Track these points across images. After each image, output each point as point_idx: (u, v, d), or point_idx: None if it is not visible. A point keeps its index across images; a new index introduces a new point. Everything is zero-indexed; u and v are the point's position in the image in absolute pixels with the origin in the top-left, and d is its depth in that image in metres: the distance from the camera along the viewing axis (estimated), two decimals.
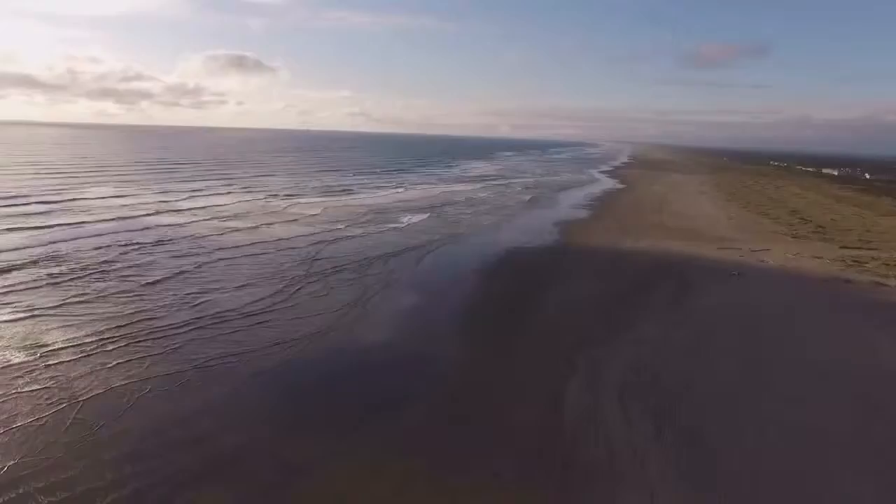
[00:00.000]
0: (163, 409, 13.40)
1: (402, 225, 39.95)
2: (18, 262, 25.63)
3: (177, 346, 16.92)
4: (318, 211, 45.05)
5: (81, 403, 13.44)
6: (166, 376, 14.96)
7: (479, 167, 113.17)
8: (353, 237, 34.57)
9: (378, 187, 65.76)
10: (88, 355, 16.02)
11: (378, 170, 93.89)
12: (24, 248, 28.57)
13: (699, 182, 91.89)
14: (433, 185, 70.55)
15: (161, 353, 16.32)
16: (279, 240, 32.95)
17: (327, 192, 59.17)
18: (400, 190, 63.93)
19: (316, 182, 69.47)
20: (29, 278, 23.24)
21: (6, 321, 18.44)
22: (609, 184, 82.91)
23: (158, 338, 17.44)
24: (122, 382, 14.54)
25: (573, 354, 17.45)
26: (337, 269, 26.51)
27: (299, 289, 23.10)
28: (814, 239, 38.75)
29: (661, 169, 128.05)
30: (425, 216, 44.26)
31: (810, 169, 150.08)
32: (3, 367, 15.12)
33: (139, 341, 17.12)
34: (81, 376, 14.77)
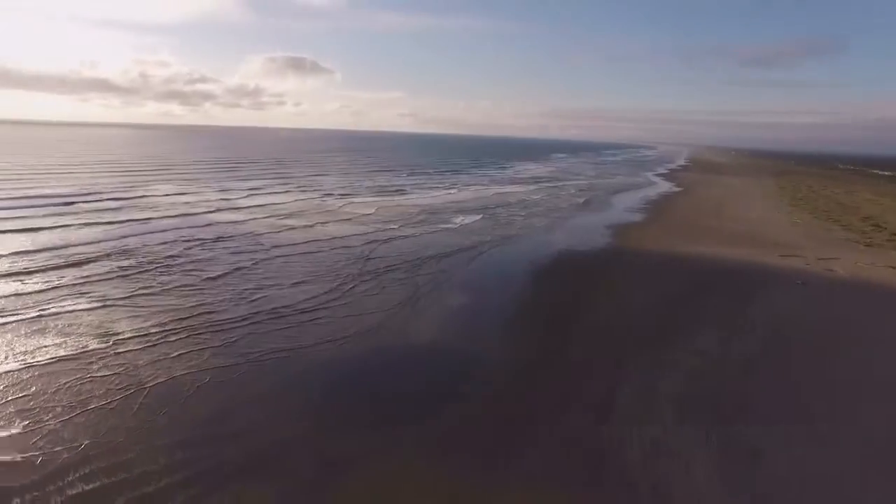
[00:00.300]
0: (218, 399, 13.93)
1: (455, 226, 40.09)
2: (93, 255, 27.18)
3: (234, 339, 17.54)
4: (371, 210, 45.74)
5: (147, 390, 14.17)
6: (223, 368, 15.55)
7: (532, 169, 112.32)
8: (406, 237, 34.93)
9: (430, 188, 66.20)
10: (154, 345, 16.84)
11: (430, 170, 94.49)
12: (98, 241, 30.29)
13: (761, 186, 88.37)
14: (485, 187, 70.46)
15: (219, 346, 16.96)
16: (333, 238, 33.62)
17: (380, 191, 60.02)
18: (452, 191, 64.16)
19: (369, 182, 70.57)
20: (102, 270, 24.64)
21: (83, 310, 19.63)
22: (665, 187, 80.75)
23: (217, 331, 18.13)
24: (183, 372, 15.20)
25: (625, 360, 17.14)
26: (389, 268, 26.85)
27: (352, 287, 23.53)
28: (889, 248, 36.63)
29: (721, 172, 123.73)
30: (477, 217, 44.28)
31: (886, 173, 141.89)
32: (80, 353, 16.11)
33: (199, 333, 17.86)
34: (147, 364, 15.55)
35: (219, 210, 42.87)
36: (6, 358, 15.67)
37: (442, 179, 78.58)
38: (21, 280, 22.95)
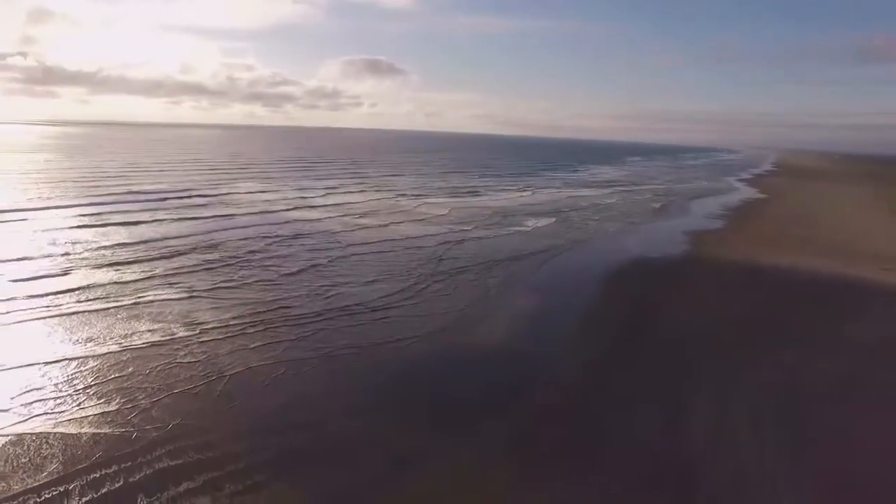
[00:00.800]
0: (291, 390, 14.49)
1: (527, 228, 39.82)
2: (182, 249, 28.95)
3: (308, 334, 18.14)
4: (444, 211, 46.13)
5: (227, 378, 14.91)
6: (296, 361, 16.12)
7: (606, 172, 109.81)
8: (479, 239, 35.00)
9: (503, 190, 66.03)
10: (234, 336, 17.70)
11: (503, 172, 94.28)
12: (186, 236, 32.16)
13: (856, 192, 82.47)
14: (558, 190, 69.59)
15: (294, 340, 17.59)
16: (407, 238, 34.14)
17: (453, 192, 60.43)
18: (525, 193, 63.75)
19: (442, 182, 71.21)
20: (189, 263, 26.18)
21: (172, 299, 20.95)
22: (749, 192, 76.85)
23: (292, 325, 18.80)
24: (260, 363, 15.88)
25: (699, 372, 16.49)
26: (461, 269, 26.99)
27: (425, 287, 23.81)
28: None
29: (811, 177, 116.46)
30: (550, 220, 43.80)
31: None
32: (169, 340, 17.20)
33: (276, 327, 18.59)
34: (227, 354, 16.36)
35: (297, 208, 44.52)
36: (107, 340, 16.98)
37: (514, 181, 78.17)
38: (120, 270, 24.76)
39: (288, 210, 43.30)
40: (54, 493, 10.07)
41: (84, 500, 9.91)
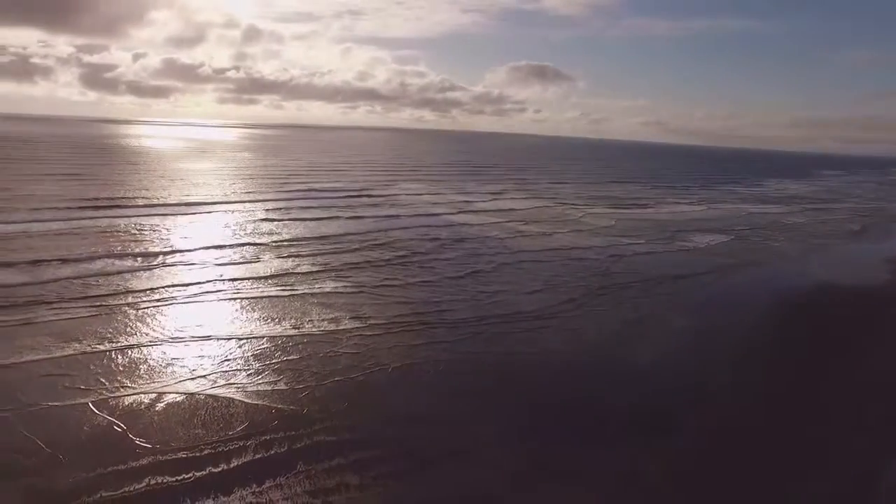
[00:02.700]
0: (443, 388, 14.81)
1: (696, 245, 36.59)
2: (353, 246, 30.60)
3: (463, 337, 18.15)
4: (610, 223, 43.97)
5: (388, 371, 15.51)
6: (451, 362, 16.28)
7: (793, 187, 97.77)
8: (646, 253, 32.77)
9: (675, 202, 61.43)
10: (396, 332, 18.23)
11: (674, 183, 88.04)
12: (358, 233, 34.10)
13: None
14: (733, 204, 63.10)
15: (449, 342, 17.70)
16: (572, 248, 32.95)
17: (620, 203, 57.42)
18: (699, 207, 58.65)
19: (609, 192, 68.18)
20: (358, 259, 27.61)
21: (341, 292, 22.14)
22: None
23: (451, 327, 18.94)
24: (418, 361, 16.18)
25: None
26: (625, 285, 25.45)
27: (587, 300, 22.78)
28: None
29: None
30: (724, 238, 39.84)
31: None
32: (336, 330, 18.16)
33: (435, 328, 18.87)
34: (388, 348, 16.92)
35: (462, 212, 45.04)
36: (281, 324, 18.42)
37: (686, 194, 72.48)
38: (296, 261, 26.81)
39: (453, 214, 44.03)
40: (233, 447, 11.59)
41: (256, 456, 11.35)
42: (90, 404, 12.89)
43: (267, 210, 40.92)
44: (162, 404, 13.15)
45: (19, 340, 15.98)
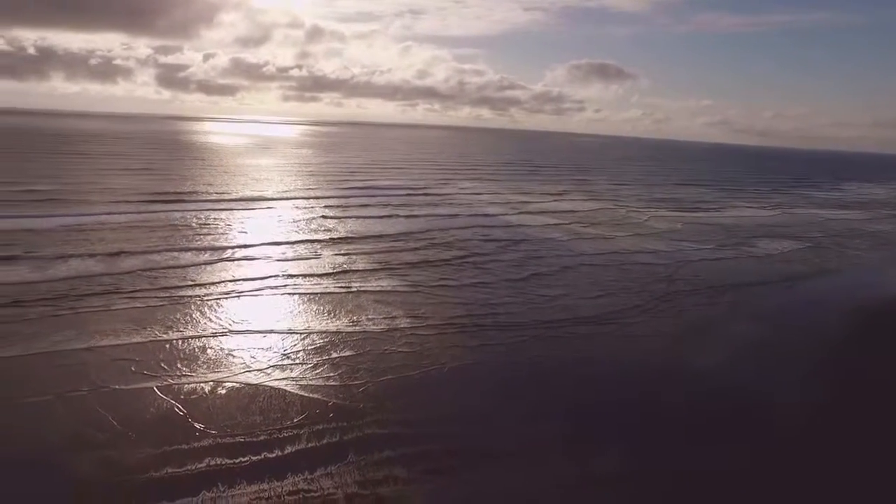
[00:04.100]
0: (496, 390, 14.75)
1: (766, 252, 34.80)
2: (411, 244, 30.91)
3: (520, 340, 17.91)
4: (675, 226, 42.42)
5: (443, 370, 15.54)
6: (504, 364, 16.18)
7: (875, 192, 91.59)
8: (710, 260, 31.39)
9: (742, 206, 58.65)
10: (452, 333, 18.19)
11: (741, 186, 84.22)
12: (417, 232, 34.38)
13: None
14: (806, 209, 59.76)
15: (505, 345, 17.52)
16: (635, 253, 31.98)
17: (685, 206, 55.37)
18: (768, 211, 55.90)
19: (673, 194, 66.01)
20: (415, 259, 27.75)
21: (401, 291, 22.30)
22: None
23: (506, 330, 18.71)
24: (471, 361, 16.14)
25: None
26: (688, 292, 24.44)
27: (646, 307, 22.03)
28: None
29: None
30: (795, 245, 37.73)
31: None
32: (391, 329, 18.24)
33: (490, 329, 18.68)
34: (444, 348, 16.92)
35: (522, 213, 44.61)
36: (338, 320, 18.69)
37: (756, 197, 69.18)
38: (353, 258, 27.24)
39: (512, 214, 43.64)
40: (287, 436, 12.03)
41: (309, 445, 11.77)
42: (155, 388, 13.59)
43: (327, 207, 41.72)
44: (221, 392, 13.66)
45: (96, 326, 17.00)
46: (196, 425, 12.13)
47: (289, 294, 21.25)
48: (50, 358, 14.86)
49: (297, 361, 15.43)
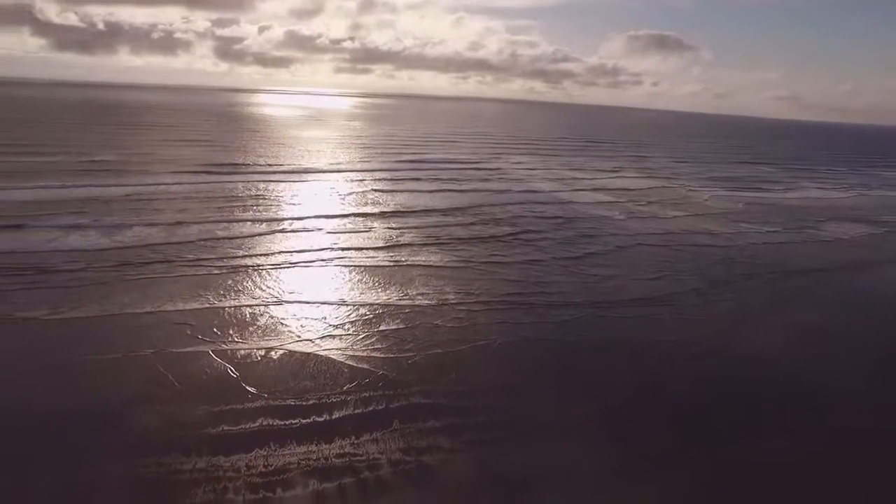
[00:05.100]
0: (544, 368, 14.72)
1: (835, 236, 33.04)
2: (462, 220, 30.90)
3: (570, 319, 17.69)
4: (736, 206, 40.68)
5: (496, 345, 15.61)
6: (554, 342, 16.06)
7: None
8: (774, 243, 29.99)
9: (812, 187, 55.42)
10: (501, 309, 18.14)
11: (811, 166, 79.62)
12: (468, 207, 34.29)
13: None
14: (885, 192, 55.91)
15: (556, 323, 17.35)
16: (693, 233, 30.89)
17: (749, 185, 52.86)
18: (841, 193, 52.73)
19: (736, 173, 63.19)
20: (466, 234, 27.60)
21: (451, 266, 22.27)
22: None
23: (558, 308, 18.51)
24: (519, 338, 16.06)
25: None
26: (747, 276, 23.47)
27: (703, 290, 21.28)
28: None
29: None
30: (868, 229, 35.63)
31: None
32: (441, 304, 18.33)
33: (541, 307, 18.51)
34: (494, 324, 16.97)
35: (575, 189, 43.71)
36: (388, 293, 18.93)
37: (826, 178, 65.37)
38: (406, 232, 27.44)
39: (566, 191, 42.84)
40: (335, 401, 12.50)
41: (356, 411, 12.20)
42: (210, 352, 14.22)
43: (378, 179, 42.05)
44: (273, 358, 14.16)
45: (158, 292, 17.88)
46: (248, 388, 12.67)
47: (340, 266, 21.64)
48: (119, 319, 15.80)
49: (347, 332, 15.76)
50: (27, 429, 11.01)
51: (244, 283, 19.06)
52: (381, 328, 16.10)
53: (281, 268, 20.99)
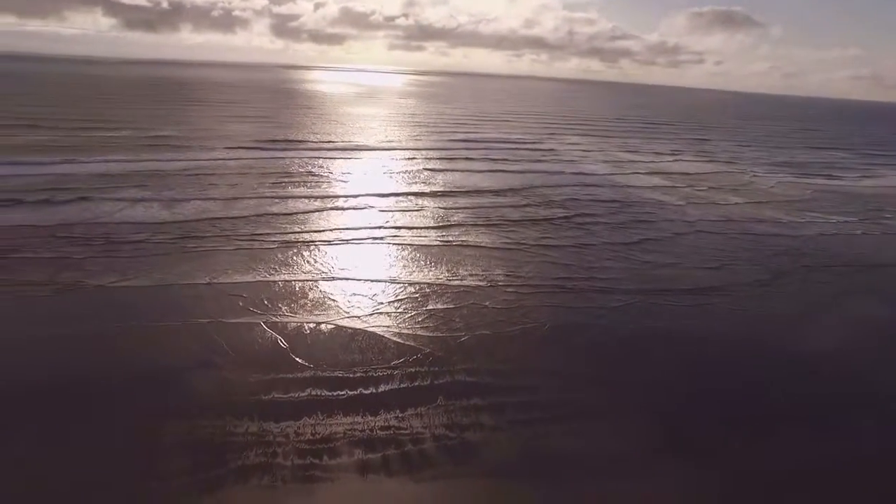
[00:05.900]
0: (591, 353, 14.57)
1: None
2: (513, 201, 30.62)
3: (622, 305, 17.36)
4: (803, 194, 38.59)
5: (545, 328, 15.55)
6: (603, 328, 15.82)
7: None
8: (842, 234, 28.36)
9: (888, 175, 51.87)
10: (551, 293, 17.97)
11: (892, 151, 74.51)
12: (519, 188, 33.91)
13: None
14: None
15: (607, 309, 17.03)
16: (757, 222, 29.53)
17: (818, 172, 50.06)
18: None
19: (805, 158, 59.92)
20: (517, 216, 27.32)
21: (502, 248, 22.24)
22: None
23: (609, 294, 18.16)
24: (568, 322, 15.95)
25: None
26: (812, 268, 22.35)
27: (763, 281, 20.43)
28: None
29: None
30: None
31: None
32: (490, 285, 18.31)
33: (592, 293, 18.20)
34: (542, 307, 16.85)
35: (632, 173, 42.47)
36: (438, 273, 19.01)
37: None
38: (457, 212, 27.40)
39: (622, 174, 41.68)
40: (381, 375, 12.80)
41: (402, 386, 12.47)
42: (262, 323, 14.71)
43: (430, 158, 42.00)
44: (322, 331, 14.54)
45: (214, 264, 18.58)
46: (298, 359, 13.07)
47: (391, 244, 21.84)
48: (178, 289, 16.53)
49: (395, 310, 15.94)
50: (97, 388, 11.76)
51: (296, 258, 19.52)
52: (429, 307, 16.19)
53: (332, 244, 21.36)
